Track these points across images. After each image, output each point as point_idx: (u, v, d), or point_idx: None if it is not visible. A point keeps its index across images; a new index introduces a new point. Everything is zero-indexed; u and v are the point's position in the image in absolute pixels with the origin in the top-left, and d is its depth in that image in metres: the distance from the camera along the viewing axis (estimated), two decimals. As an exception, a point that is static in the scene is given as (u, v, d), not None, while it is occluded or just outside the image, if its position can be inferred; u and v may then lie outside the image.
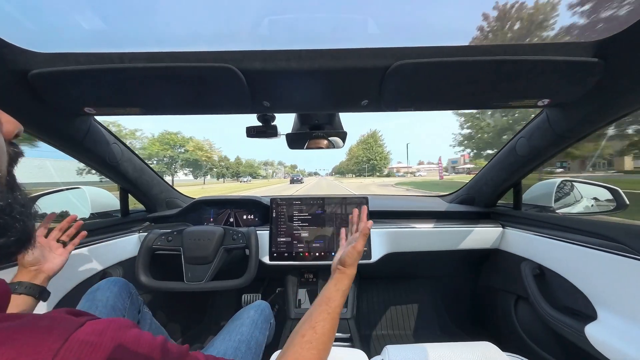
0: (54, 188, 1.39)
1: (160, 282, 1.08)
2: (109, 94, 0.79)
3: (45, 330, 0.29)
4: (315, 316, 0.56)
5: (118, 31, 0.70)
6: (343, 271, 0.66)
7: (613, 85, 0.70)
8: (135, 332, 0.34)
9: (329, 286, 0.63)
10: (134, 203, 1.45)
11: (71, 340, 0.29)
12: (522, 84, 0.75)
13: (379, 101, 0.84)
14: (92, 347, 0.29)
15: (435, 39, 0.66)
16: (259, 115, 1.06)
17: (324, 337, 0.53)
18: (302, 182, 43.79)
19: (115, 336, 0.31)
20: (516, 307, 1.26)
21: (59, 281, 0.94)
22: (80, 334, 0.30)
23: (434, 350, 0.71)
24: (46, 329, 0.29)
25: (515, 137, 1.15)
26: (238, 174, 78.42)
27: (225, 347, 0.81)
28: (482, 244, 1.36)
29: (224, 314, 1.74)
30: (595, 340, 0.79)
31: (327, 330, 0.54)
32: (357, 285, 1.45)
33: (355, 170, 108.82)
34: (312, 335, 0.52)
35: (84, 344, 0.29)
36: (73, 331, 0.30)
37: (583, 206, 1.39)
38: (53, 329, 0.29)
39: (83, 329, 0.30)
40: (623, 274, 0.77)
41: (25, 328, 0.28)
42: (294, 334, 0.54)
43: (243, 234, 1.16)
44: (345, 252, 0.68)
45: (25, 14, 0.63)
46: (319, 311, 0.57)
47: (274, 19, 0.65)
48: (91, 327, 0.31)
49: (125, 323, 0.35)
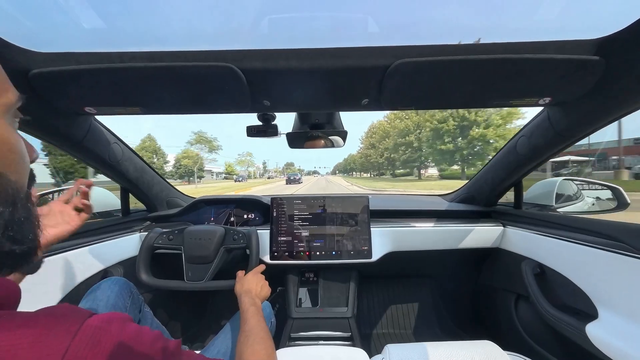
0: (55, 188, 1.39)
1: (161, 280, 1.09)
2: (109, 93, 0.79)
3: (62, 316, 0.32)
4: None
5: (118, 31, 0.70)
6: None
7: (614, 83, 0.70)
8: (136, 325, 0.38)
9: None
10: (135, 202, 1.45)
11: (86, 324, 0.32)
12: (523, 82, 0.74)
13: (379, 100, 0.84)
14: (104, 332, 0.33)
15: (436, 38, 0.65)
16: (259, 115, 1.06)
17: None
18: (301, 182, 38.97)
19: (121, 326, 0.35)
20: (517, 306, 1.26)
21: (60, 281, 0.94)
22: (93, 320, 0.34)
23: (434, 349, 0.71)
24: (62, 315, 0.33)
25: (516, 135, 1.15)
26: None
27: (226, 346, 0.81)
28: (483, 243, 1.36)
29: (224, 313, 1.74)
30: (596, 339, 0.79)
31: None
32: (357, 284, 1.45)
33: (372, 168, 65.28)
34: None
35: (97, 329, 0.33)
36: (87, 318, 0.33)
37: (584, 205, 1.39)
38: (68, 315, 0.33)
39: (94, 317, 0.34)
40: (624, 272, 0.77)
41: (42, 315, 0.32)
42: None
43: (244, 234, 1.17)
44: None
45: (26, 14, 0.63)
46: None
47: (274, 18, 0.65)
48: (99, 317, 0.35)
49: (127, 317, 0.39)
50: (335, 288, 1.43)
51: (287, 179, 38.00)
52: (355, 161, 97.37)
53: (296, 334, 1.25)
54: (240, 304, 0.82)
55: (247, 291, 0.88)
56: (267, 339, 0.67)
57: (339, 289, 1.43)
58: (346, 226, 1.33)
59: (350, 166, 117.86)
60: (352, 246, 1.30)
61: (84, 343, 0.31)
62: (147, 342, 0.37)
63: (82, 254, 1.04)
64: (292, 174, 43.61)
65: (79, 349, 0.30)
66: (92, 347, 0.31)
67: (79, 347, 0.30)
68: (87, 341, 0.31)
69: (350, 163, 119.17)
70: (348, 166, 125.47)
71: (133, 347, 0.35)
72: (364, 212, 1.33)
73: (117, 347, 0.33)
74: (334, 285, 1.44)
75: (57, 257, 0.94)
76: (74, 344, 0.30)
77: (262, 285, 0.95)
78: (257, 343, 0.64)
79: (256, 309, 0.79)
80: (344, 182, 38.09)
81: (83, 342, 0.31)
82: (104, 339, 0.32)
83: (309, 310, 1.37)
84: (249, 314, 0.76)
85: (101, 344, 0.32)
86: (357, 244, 1.30)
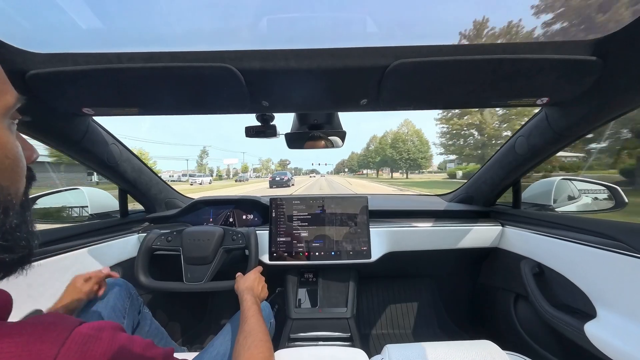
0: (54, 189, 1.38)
1: (160, 282, 1.08)
2: (107, 94, 0.79)
3: (50, 325, 0.32)
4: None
5: (116, 31, 0.70)
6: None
7: (612, 83, 0.70)
8: (127, 335, 0.38)
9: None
10: (133, 204, 1.44)
11: (75, 332, 0.32)
12: (521, 82, 0.75)
13: (378, 100, 0.84)
14: (94, 339, 0.33)
15: (434, 38, 0.66)
16: (257, 115, 1.06)
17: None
18: (290, 184, 26.07)
19: (112, 334, 0.35)
20: (516, 306, 1.27)
21: (59, 282, 0.93)
22: (83, 328, 0.33)
23: (434, 350, 0.71)
24: (51, 323, 0.32)
25: (514, 135, 1.15)
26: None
27: (225, 347, 0.81)
28: (482, 243, 1.36)
29: (224, 313, 1.74)
30: (595, 339, 0.79)
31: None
32: (357, 284, 1.45)
33: (377, 164, 67.11)
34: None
35: (86, 337, 0.32)
36: (76, 326, 0.33)
37: (582, 204, 1.40)
38: (57, 324, 0.32)
39: (84, 325, 0.34)
40: (622, 272, 0.77)
41: (30, 323, 0.31)
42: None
43: (243, 235, 1.16)
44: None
45: (23, 14, 0.63)
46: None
47: (273, 18, 0.65)
48: (90, 325, 0.34)
49: (119, 325, 0.38)
50: (334, 288, 1.43)
51: (272, 179, 26.51)
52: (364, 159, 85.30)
53: (295, 334, 1.24)
54: (242, 302, 0.82)
55: (249, 288, 0.87)
56: (266, 341, 0.67)
57: (339, 289, 1.42)
58: (345, 226, 1.33)
59: (357, 164, 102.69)
60: (351, 246, 1.30)
61: (72, 351, 0.30)
62: (138, 351, 0.37)
63: (80, 255, 1.04)
64: (279, 174, 28.54)
65: (68, 357, 0.30)
66: (82, 355, 0.31)
67: (67, 355, 0.30)
68: (77, 349, 0.31)
69: (353, 161, 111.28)
70: (354, 163, 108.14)
71: (124, 355, 0.35)
72: (363, 213, 1.33)
73: (109, 354, 0.32)
74: (333, 285, 1.44)
75: (55, 258, 0.94)
76: (63, 351, 0.30)
77: (262, 287, 0.95)
78: (255, 346, 0.64)
79: (257, 309, 0.79)
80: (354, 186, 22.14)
81: (72, 349, 0.30)
82: (95, 347, 0.32)
83: (308, 311, 1.36)
84: (251, 312, 0.75)
85: (92, 352, 0.31)
86: (356, 244, 1.30)
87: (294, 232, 1.33)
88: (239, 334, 0.69)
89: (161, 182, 1.51)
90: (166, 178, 1.92)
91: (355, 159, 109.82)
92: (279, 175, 27.60)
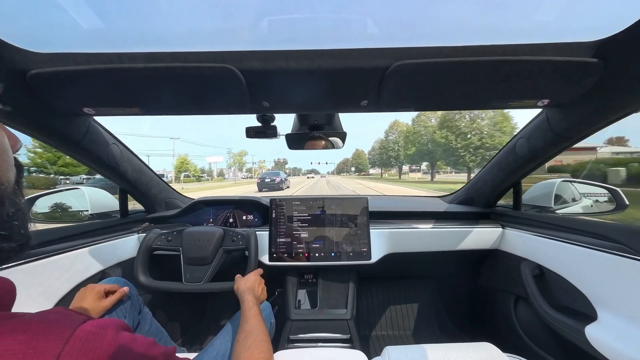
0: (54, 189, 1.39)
1: (159, 282, 1.08)
2: (108, 94, 0.79)
3: (55, 322, 0.32)
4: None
5: (117, 31, 0.69)
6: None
7: (612, 85, 0.70)
8: (130, 333, 0.38)
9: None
10: (134, 204, 1.44)
11: (79, 330, 0.32)
12: (521, 84, 0.75)
13: (378, 101, 0.84)
14: (98, 337, 0.33)
15: (435, 39, 0.65)
16: (258, 116, 1.06)
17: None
18: (284, 187, 22.31)
19: (115, 332, 0.35)
20: (516, 308, 1.26)
21: (58, 281, 0.93)
22: (87, 325, 0.33)
23: (434, 351, 0.70)
24: (55, 320, 0.32)
25: (515, 137, 1.15)
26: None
27: (225, 347, 0.81)
28: (482, 244, 1.36)
29: (224, 314, 1.74)
30: (596, 341, 0.78)
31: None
32: (356, 285, 1.45)
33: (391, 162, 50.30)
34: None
35: (90, 334, 0.32)
36: (80, 323, 0.33)
37: (583, 206, 1.39)
38: (61, 321, 0.32)
39: (88, 322, 0.34)
40: (623, 274, 0.77)
41: (35, 320, 0.31)
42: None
43: (243, 236, 1.16)
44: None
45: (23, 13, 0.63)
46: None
47: (273, 19, 0.65)
48: (94, 322, 0.34)
49: (122, 323, 0.38)
50: (334, 289, 1.43)
51: (261, 180, 21.66)
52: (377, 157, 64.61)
53: (295, 335, 1.24)
54: (242, 302, 0.82)
55: (250, 289, 0.87)
56: (266, 341, 0.67)
57: (338, 290, 1.42)
58: (345, 227, 1.32)
59: (366, 163, 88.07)
60: (352, 247, 1.30)
61: (76, 349, 0.30)
62: (141, 349, 0.37)
63: (80, 254, 1.04)
64: (269, 174, 23.29)
65: (71, 354, 0.30)
66: (86, 352, 0.31)
67: (71, 353, 0.30)
68: (81, 347, 0.31)
69: (362, 159, 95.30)
70: (363, 161, 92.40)
71: (128, 354, 0.35)
72: (363, 214, 1.33)
73: (112, 353, 0.32)
74: (333, 286, 1.43)
75: (55, 258, 0.94)
76: (67, 349, 0.30)
77: (262, 289, 0.95)
78: (255, 346, 0.64)
79: (258, 310, 0.79)
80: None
81: (76, 347, 0.30)
82: (99, 345, 0.32)
83: (308, 312, 1.36)
84: (252, 312, 0.75)
85: (95, 350, 0.31)
86: (357, 246, 1.30)
87: (294, 232, 1.33)
88: (239, 333, 0.69)
89: (161, 182, 1.51)
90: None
91: (364, 157, 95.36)
92: (269, 175, 22.59)
